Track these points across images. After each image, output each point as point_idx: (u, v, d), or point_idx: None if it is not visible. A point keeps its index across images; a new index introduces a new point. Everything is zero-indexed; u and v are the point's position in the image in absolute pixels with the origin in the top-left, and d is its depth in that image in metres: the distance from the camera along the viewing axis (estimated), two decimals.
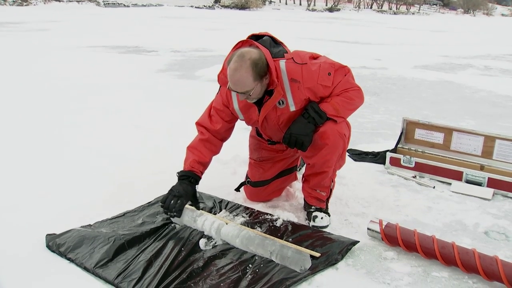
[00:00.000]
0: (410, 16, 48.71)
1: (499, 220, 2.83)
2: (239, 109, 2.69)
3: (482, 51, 13.42)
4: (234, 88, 2.42)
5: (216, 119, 2.75)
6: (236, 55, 2.38)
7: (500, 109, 6.00)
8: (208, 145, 2.73)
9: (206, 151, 2.72)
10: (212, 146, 2.74)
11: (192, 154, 2.70)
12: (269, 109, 2.58)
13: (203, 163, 2.69)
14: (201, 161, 2.68)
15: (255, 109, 2.64)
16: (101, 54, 10.50)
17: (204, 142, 2.73)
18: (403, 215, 2.89)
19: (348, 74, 2.59)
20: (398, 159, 3.60)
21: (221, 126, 2.74)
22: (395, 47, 13.86)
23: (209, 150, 2.73)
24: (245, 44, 2.52)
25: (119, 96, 6.18)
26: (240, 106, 2.67)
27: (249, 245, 2.36)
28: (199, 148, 2.71)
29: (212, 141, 2.74)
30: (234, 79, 2.38)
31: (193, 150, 2.71)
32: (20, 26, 18.10)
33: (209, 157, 2.73)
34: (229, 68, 2.40)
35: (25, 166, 3.53)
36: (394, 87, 7.37)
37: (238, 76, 2.36)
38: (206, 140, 2.73)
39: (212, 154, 2.76)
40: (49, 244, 2.38)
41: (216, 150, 2.78)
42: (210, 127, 2.75)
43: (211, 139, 2.74)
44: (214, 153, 2.77)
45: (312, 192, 2.77)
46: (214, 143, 2.75)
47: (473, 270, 2.17)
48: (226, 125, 2.76)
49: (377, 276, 2.22)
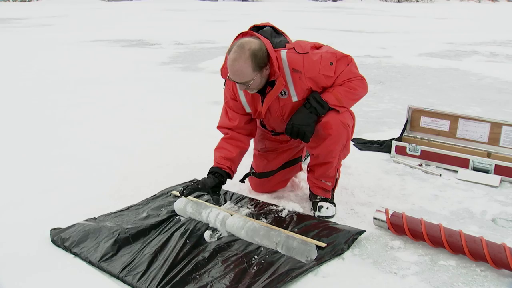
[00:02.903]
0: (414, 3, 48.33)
1: (507, 207, 2.81)
2: (246, 101, 2.68)
3: (487, 37, 13.28)
4: (233, 78, 2.42)
5: (232, 115, 2.74)
6: (236, 45, 2.38)
7: (506, 96, 5.94)
8: (232, 141, 2.73)
9: (231, 147, 2.71)
10: (237, 142, 2.73)
11: (218, 153, 2.71)
12: (272, 100, 2.56)
13: (230, 158, 2.68)
14: (228, 156, 2.68)
15: (259, 101, 2.63)
16: (104, 48, 10.50)
17: (227, 140, 2.74)
18: (409, 203, 2.87)
19: (351, 63, 2.56)
20: (404, 148, 3.57)
21: (239, 120, 2.73)
22: (399, 35, 13.75)
23: (234, 146, 2.72)
24: (246, 36, 2.50)
25: (123, 89, 6.18)
26: (247, 98, 2.66)
27: (255, 236, 2.35)
28: (223, 146, 2.73)
29: (236, 137, 2.74)
30: (233, 69, 2.38)
31: (219, 150, 2.73)
32: (24, 22, 18.13)
33: (235, 152, 2.71)
34: (229, 58, 2.40)
35: (29, 162, 3.53)
36: (399, 76, 7.31)
37: (237, 66, 2.35)
38: (229, 137, 2.74)
39: (239, 149, 2.73)
40: (54, 238, 2.38)
41: (242, 145, 2.76)
42: (229, 125, 2.75)
43: (235, 136, 2.73)
44: (241, 148, 2.75)
45: (317, 182, 2.76)
46: (239, 139, 2.74)
47: (481, 258, 2.15)
48: (244, 118, 2.74)
49: (384, 266, 2.21)
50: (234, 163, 2.72)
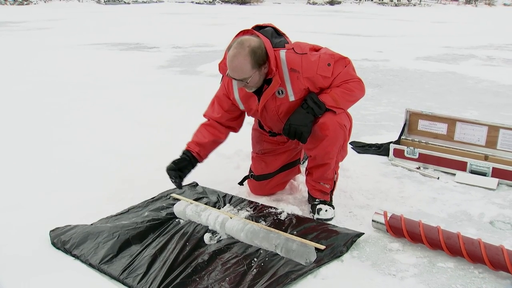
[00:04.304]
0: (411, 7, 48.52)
1: (504, 210, 2.82)
2: (240, 98, 2.70)
3: (484, 41, 13.34)
4: (232, 75, 2.44)
5: (217, 109, 2.81)
6: (236, 42, 2.41)
7: (503, 99, 5.97)
8: (209, 128, 2.80)
9: (206, 134, 2.79)
10: (214, 130, 2.80)
11: (193, 137, 2.81)
12: (268, 97, 2.58)
13: (201, 144, 2.76)
14: (199, 142, 2.76)
15: (255, 99, 2.65)
16: (102, 52, 10.50)
17: (205, 126, 2.83)
18: (407, 206, 2.88)
19: (348, 65, 2.58)
20: (402, 151, 3.59)
21: (221, 115, 2.79)
22: (396, 39, 13.80)
23: (210, 133, 2.79)
24: (246, 33, 2.53)
25: (121, 93, 6.18)
26: (241, 95, 2.68)
27: (254, 238, 2.35)
28: (200, 131, 2.82)
29: (215, 126, 2.81)
30: (232, 66, 2.40)
31: (195, 134, 2.83)
32: (21, 25, 18.12)
33: (208, 138, 2.78)
34: (228, 55, 2.43)
35: (28, 165, 3.53)
36: (396, 79, 7.34)
37: (237, 62, 2.38)
38: (208, 124, 2.82)
39: (213, 137, 2.80)
40: (54, 241, 2.39)
41: (219, 134, 2.82)
42: (212, 115, 2.82)
43: (214, 124, 2.81)
44: (216, 137, 2.81)
45: (316, 185, 2.77)
46: (217, 128, 2.81)
47: (479, 260, 2.17)
48: (226, 115, 2.80)
49: (383, 268, 2.22)
50: (205, 149, 2.78)
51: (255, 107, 2.68)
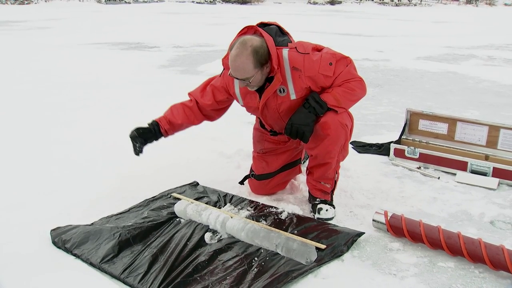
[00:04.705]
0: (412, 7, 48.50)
1: (505, 210, 2.82)
2: (240, 94, 2.71)
3: (485, 41, 13.34)
4: (235, 75, 2.45)
5: (209, 96, 2.82)
6: (238, 42, 2.41)
7: (504, 99, 5.97)
8: (188, 111, 2.83)
9: (183, 115, 2.82)
10: (191, 114, 2.83)
11: (168, 111, 2.85)
12: (270, 95, 2.59)
13: (173, 123, 2.81)
14: (172, 121, 2.81)
15: (255, 96, 2.65)
16: (103, 51, 10.50)
17: (185, 106, 2.85)
18: (408, 206, 2.88)
19: (350, 64, 2.59)
20: (402, 150, 3.59)
21: (210, 104, 2.81)
22: (397, 39, 13.79)
23: (186, 116, 2.82)
24: (250, 30, 2.55)
25: (121, 92, 6.18)
26: (241, 92, 2.70)
27: (255, 238, 2.36)
28: (178, 109, 2.84)
29: (194, 111, 2.83)
30: (235, 65, 2.41)
31: (172, 108, 2.86)
32: (22, 25, 18.13)
33: (182, 120, 2.81)
34: (230, 54, 2.43)
35: (28, 164, 3.54)
36: (397, 79, 7.34)
37: (239, 62, 2.38)
38: (189, 107, 2.84)
39: (188, 121, 2.83)
40: (54, 240, 2.39)
41: (194, 119, 2.85)
42: (199, 100, 2.83)
43: (194, 109, 2.83)
44: (189, 121, 2.84)
45: (316, 185, 2.77)
46: (195, 113, 2.84)
47: (479, 259, 2.17)
48: (215, 105, 2.82)
49: (383, 267, 2.22)
50: (173, 129, 2.84)
51: (256, 104, 2.68)
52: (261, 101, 2.63)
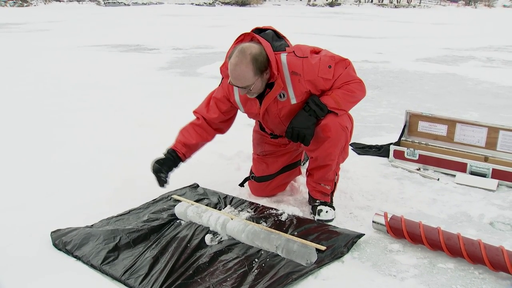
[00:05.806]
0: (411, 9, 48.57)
1: (504, 211, 2.83)
2: (240, 101, 2.71)
3: (484, 43, 13.36)
4: (235, 83, 2.44)
5: (213, 109, 2.80)
6: (237, 50, 2.40)
7: (503, 100, 5.98)
8: (198, 129, 2.81)
9: (195, 134, 2.79)
10: (203, 132, 2.81)
11: (180, 135, 2.81)
12: (270, 101, 2.59)
13: (188, 145, 2.77)
14: (187, 143, 2.77)
15: (256, 102, 2.65)
16: (102, 53, 10.52)
17: (194, 126, 2.82)
18: (407, 207, 2.89)
19: (348, 67, 2.59)
20: (402, 152, 3.59)
21: (217, 116, 2.79)
22: (396, 41, 13.82)
23: (198, 134, 2.80)
24: (247, 37, 2.53)
25: (121, 94, 6.19)
26: (241, 98, 2.69)
27: (255, 239, 2.36)
28: (189, 130, 2.81)
29: (204, 127, 2.81)
30: (235, 74, 2.40)
31: (183, 132, 2.82)
32: (21, 27, 18.14)
33: (196, 140, 2.79)
34: (230, 63, 2.42)
35: (28, 166, 3.54)
36: (396, 81, 7.35)
37: (239, 71, 2.38)
38: (198, 125, 2.81)
39: (201, 139, 2.81)
40: (55, 242, 2.39)
41: (207, 136, 2.83)
42: (206, 115, 2.81)
43: (204, 125, 2.81)
44: (203, 139, 2.83)
45: (316, 186, 2.78)
46: (206, 130, 2.82)
47: (479, 261, 2.17)
48: (222, 117, 2.81)
49: (383, 269, 2.22)
50: (190, 150, 2.81)
51: (257, 110, 2.68)
52: (262, 107, 2.63)
